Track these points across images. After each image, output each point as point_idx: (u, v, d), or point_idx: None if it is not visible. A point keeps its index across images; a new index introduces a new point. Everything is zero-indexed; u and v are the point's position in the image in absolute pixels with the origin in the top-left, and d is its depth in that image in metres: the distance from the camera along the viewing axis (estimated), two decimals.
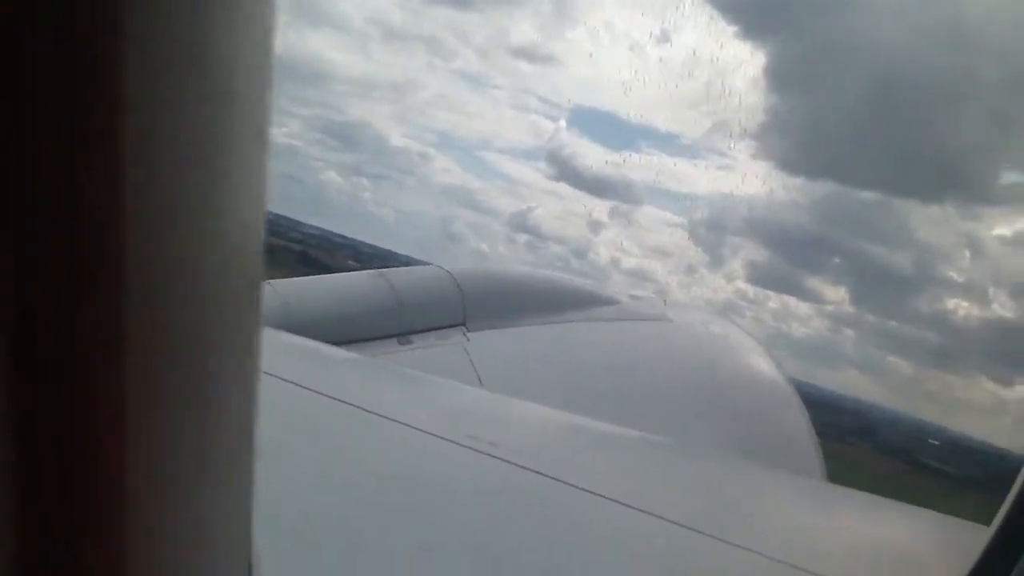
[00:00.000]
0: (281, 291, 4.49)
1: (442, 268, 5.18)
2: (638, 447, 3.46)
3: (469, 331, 4.91)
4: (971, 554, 0.95)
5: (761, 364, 5.94)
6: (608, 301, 5.61)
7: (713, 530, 2.10)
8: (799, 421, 5.70)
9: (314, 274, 5.57)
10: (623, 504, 2.19)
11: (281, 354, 3.83)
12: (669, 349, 5.57)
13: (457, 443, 2.48)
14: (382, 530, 1.84)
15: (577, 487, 2.26)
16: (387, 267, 5.22)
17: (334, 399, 2.80)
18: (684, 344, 5.72)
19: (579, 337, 5.29)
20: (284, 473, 2.08)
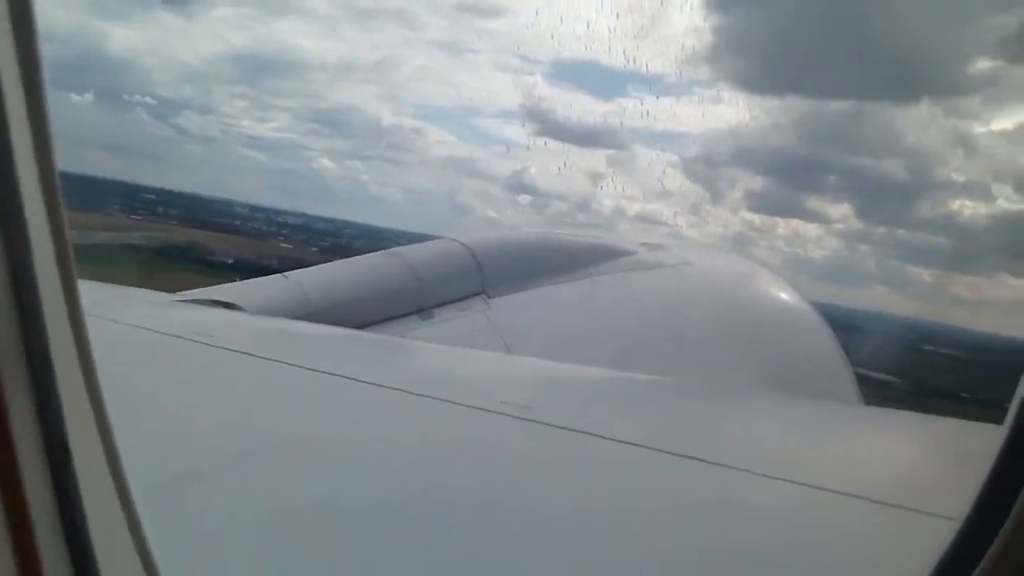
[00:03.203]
0: (298, 281, 4.50)
1: (454, 240, 5.15)
2: (673, 395, 3.43)
3: (489, 298, 4.90)
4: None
5: (785, 296, 5.88)
6: (624, 252, 5.57)
7: (760, 468, 2.08)
8: (829, 346, 5.66)
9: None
10: (666, 452, 2.17)
11: (305, 344, 3.85)
12: (692, 293, 5.52)
13: (489, 411, 2.48)
14: (429, 505, 1.85)
15: (616, 440, 2.25)
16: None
17: (361, 382, 2.80)
18: (707, 286, 5.67)
19: (600, 291, 5.26)
20: (329, 459, 2.10)
